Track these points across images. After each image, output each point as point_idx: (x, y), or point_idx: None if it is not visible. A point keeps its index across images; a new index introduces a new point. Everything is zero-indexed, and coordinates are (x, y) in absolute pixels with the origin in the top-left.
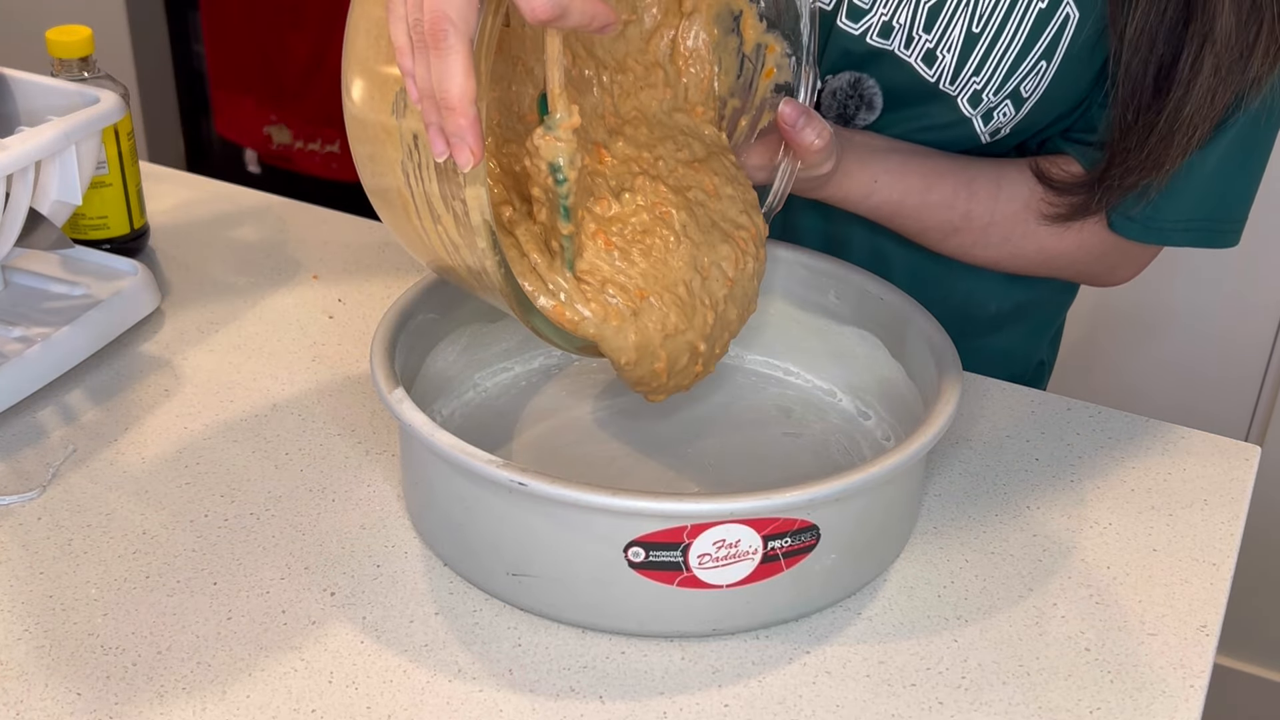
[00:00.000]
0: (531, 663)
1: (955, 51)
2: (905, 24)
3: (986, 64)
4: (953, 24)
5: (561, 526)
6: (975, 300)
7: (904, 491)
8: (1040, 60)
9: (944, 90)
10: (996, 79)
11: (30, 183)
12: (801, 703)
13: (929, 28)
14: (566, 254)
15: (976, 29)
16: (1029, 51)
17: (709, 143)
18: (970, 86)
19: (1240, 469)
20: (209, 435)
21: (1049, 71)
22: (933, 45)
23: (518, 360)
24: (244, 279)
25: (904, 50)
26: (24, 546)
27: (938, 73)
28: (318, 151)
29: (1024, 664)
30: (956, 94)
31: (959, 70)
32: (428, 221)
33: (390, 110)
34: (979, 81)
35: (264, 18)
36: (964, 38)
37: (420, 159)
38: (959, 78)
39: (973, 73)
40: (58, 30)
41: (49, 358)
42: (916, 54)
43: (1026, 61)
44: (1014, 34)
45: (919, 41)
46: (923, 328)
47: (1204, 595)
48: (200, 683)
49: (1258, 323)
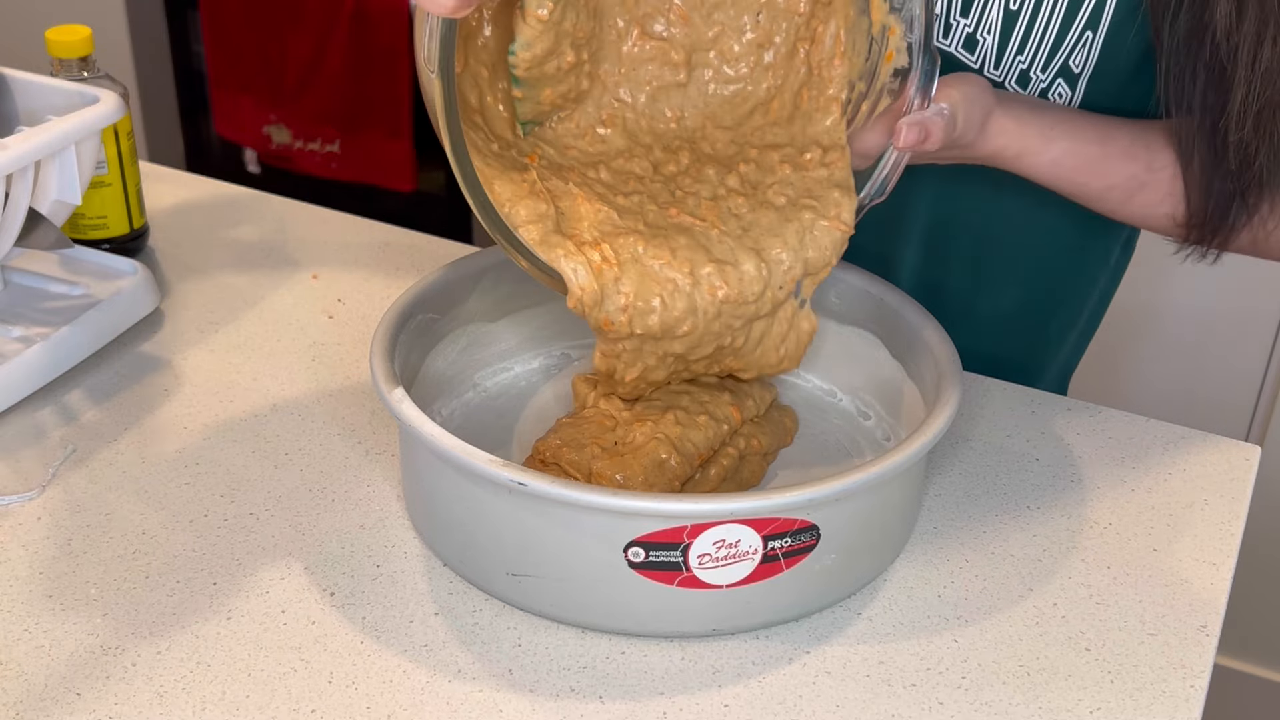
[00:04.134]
0: (531, 663)
1: (995, 33)
2: (942, 12)
3: (1029, 41)
4: (989, 5)
5: (561, 526)
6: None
7: (904, 491)
8: (1085, 31)
9: (989, 76)
10: (1041, 55)
11: (30, 182)
12: (801, 703)
13: (966, 11)
14: (519, 112)
15: (1014, 6)
16: (1072, 23)
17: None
18: (1015, 67)
19: (1240, 469)
20: (209, 435)
21: (1096, 42)
22: (971, 29)
23: (518, 360)
24: (244, 279)
25: (943, 40)
26: (24, 546)
27: (980, 57)
28: (317, 151)
29: (1024, 664)
30: (1002, 77)
31: (1001, 52)
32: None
33: None
34: (1024, 60)
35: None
36: (1003, 16)
37: None
38: (1003, 60)
39: (1016, 51)
40: (57, 30)
41: (49, 358)
42: (956, 41)
43: (1070, 34)
44: (1053, 6)
45: (958, 28)
46: (923, 328)
47: (1204, 595)
48: (200, 683)
49: (1258, 323)
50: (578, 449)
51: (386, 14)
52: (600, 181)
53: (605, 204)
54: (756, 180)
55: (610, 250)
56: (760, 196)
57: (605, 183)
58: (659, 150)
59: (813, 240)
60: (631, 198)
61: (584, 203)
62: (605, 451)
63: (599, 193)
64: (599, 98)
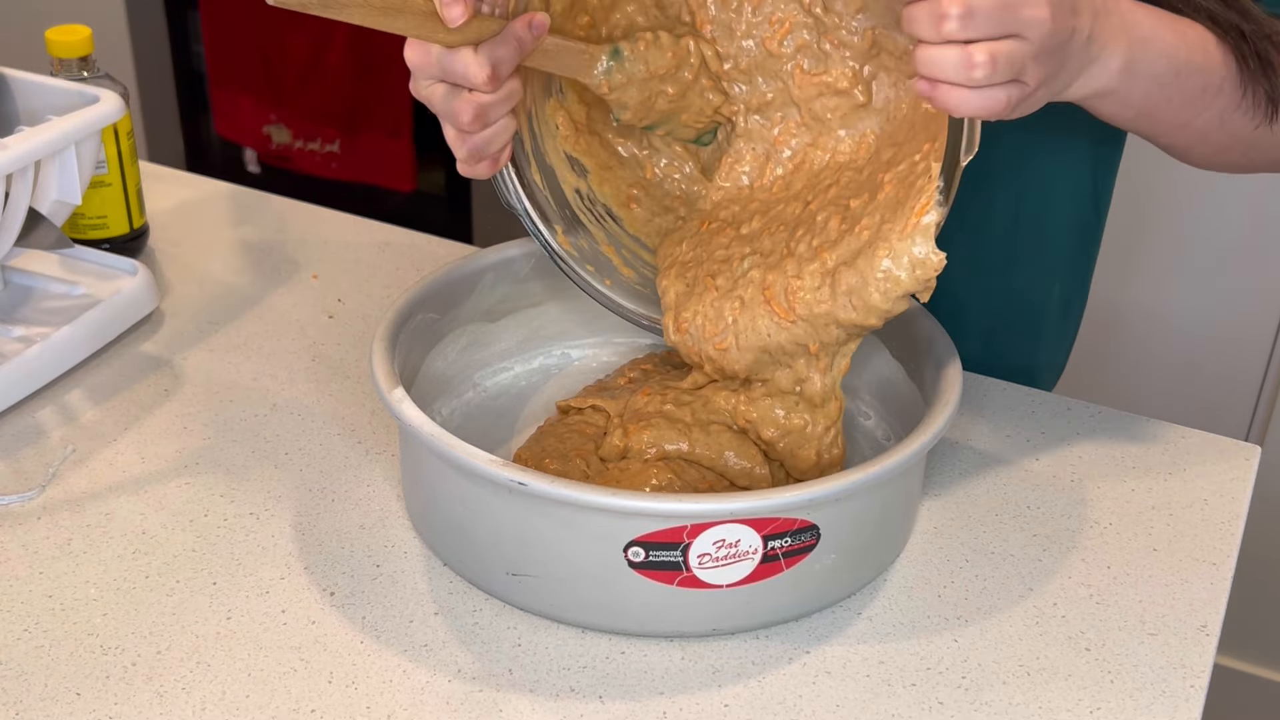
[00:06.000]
0: (531, 663)
1: None
2: None
3: None
4: None
5: (561, 526)
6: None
7: (904, 491)
8: None
9: None
10: None
11: (30, 182)
12: (801, 703)
13: None
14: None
15: None
16: None
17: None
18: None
19: (1240, 469)
20: (209, 435)
21: None
22: None
23: (518, 360)
24: (244, 279)
25: None
26: (24, 546)
27: None
28: (317, 151)
29: (1024, 664)
30: None
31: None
32: None
33: None
34: None
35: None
36: None
37: None
38: None
39: None
40: (57, 30)
41: (49, 358)
42: None
43: None
44: None
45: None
46: (923, 327)
47: (1204, 595)
48: (200, 683)
49: (1258, 323)
50: (561, 459)
51: None
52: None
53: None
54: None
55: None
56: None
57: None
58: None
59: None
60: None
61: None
62: (593, 471)
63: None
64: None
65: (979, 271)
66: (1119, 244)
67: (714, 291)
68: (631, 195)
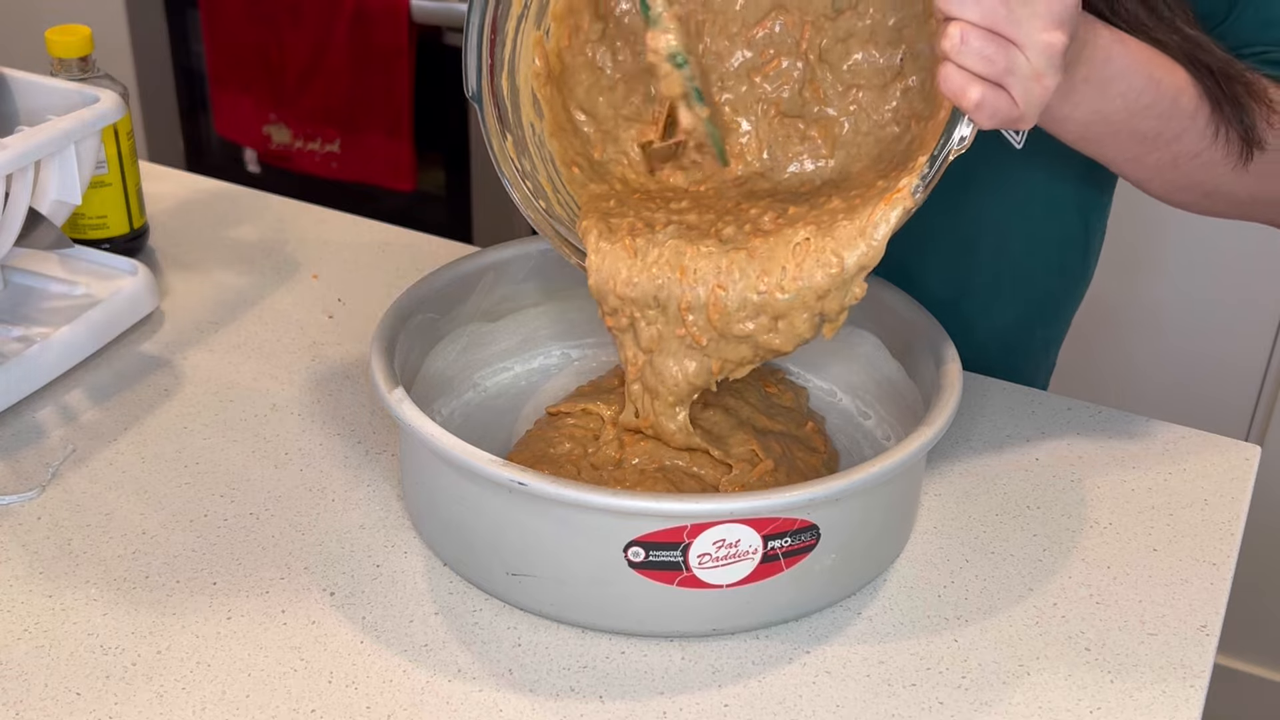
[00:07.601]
0: (531, 663)
1: None
2: None
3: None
4: None
5: (561, 526)
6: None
7: (904, 491)
8: None
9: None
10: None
11: (30, 182)
12: (801, 703)
13: None
14: (714, 140)
15: None
16: None
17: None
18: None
19: (1240, 469)
20: (209, 435)
21: None
22: None
23: (518, 360)
24: (244, 279)
25: None
26: (24, 546)
27: None
28: (317, 151)
29: (1024, 664)
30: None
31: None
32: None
33: None
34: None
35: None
36: None
37: None
38: None
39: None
40: (57, 30)
41: (49, 358)
42: None
43: None
44: None
45: None
46: (923, 328)
47: (1204, 595)
48: (200, 683)
49: (1257, 322)
50: (552, 465)
51: (386, 14)
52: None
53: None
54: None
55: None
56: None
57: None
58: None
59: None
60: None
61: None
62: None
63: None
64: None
65: (958, 313)
66: (1119, 244)
67: (630, 254)
68: (575, 162)
